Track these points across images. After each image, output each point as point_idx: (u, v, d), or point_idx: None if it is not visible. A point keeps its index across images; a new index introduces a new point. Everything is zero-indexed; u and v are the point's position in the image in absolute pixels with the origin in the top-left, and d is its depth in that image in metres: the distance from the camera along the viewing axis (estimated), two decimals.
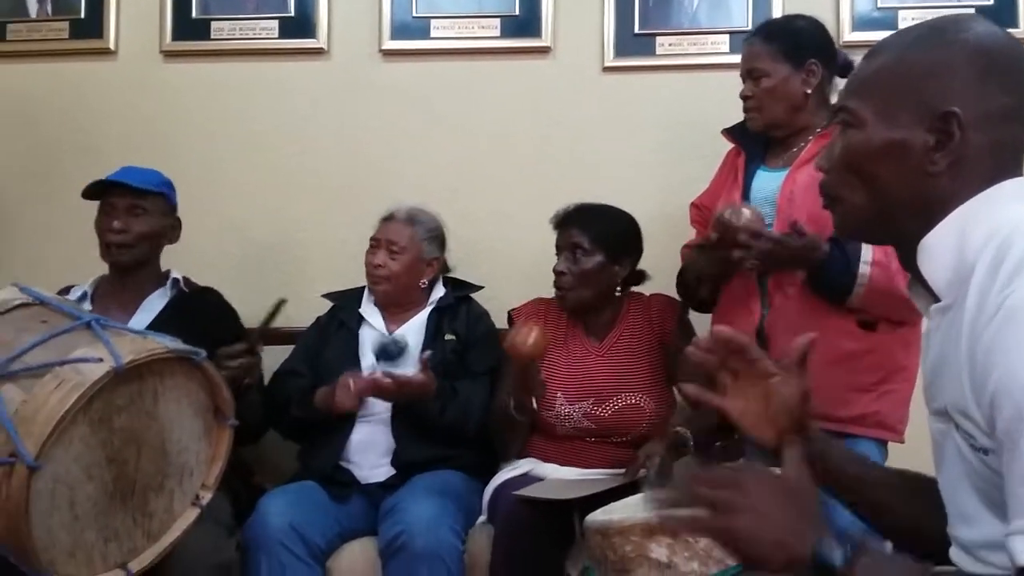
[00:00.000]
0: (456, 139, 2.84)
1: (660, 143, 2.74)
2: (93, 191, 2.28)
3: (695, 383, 1.21)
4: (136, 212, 2.26)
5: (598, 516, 1.21)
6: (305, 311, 2.61)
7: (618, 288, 2.29)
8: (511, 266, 2.66)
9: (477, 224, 2.67)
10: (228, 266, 2.74)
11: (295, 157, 2.88)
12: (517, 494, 1.97)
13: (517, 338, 2.04)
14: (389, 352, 2.21)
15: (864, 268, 1.90)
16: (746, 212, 1.93)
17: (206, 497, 1.84)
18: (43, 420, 1.53)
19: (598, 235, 2.21)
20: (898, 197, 1.08)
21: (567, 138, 2.80)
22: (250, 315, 2.45)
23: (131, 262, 2.29)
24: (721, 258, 1.96)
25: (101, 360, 1.60)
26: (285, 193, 2.87)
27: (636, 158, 2.76)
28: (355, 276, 2.52)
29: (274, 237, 2.87)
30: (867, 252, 1.90)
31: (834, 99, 2.10)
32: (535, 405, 2.08)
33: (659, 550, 1.11)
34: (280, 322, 2.70)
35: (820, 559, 0.95)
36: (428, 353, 2.20)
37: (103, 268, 2.37)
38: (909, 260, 1.10)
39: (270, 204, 2.87)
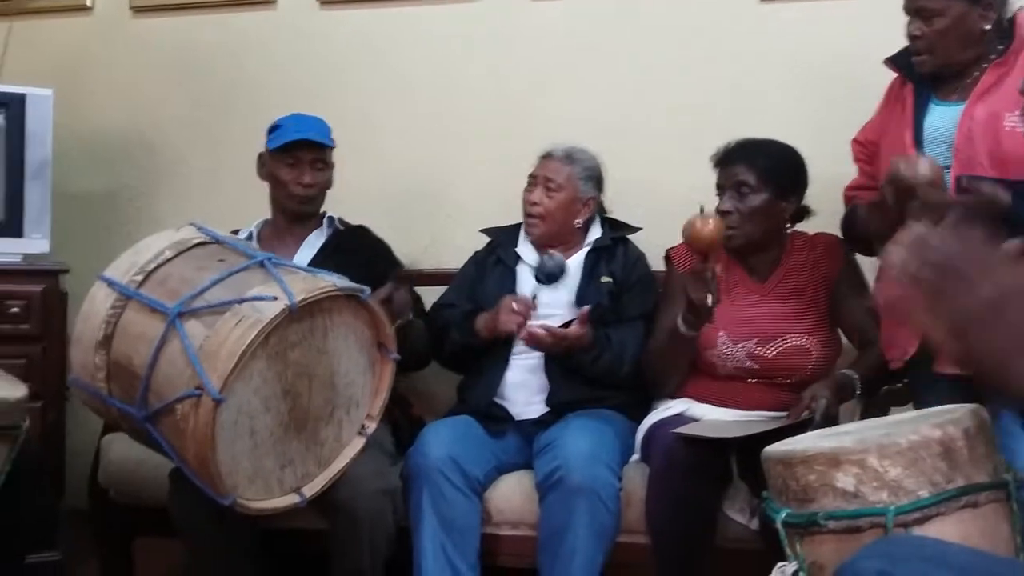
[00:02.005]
0: (608, 76, 2.79)
1: (820, 74, 2.61)
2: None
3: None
4: (318, 166, 2.38)
5: (779, 446, 1.19)
6: (454, 253, 2.66)
7: (787, 226, 2.21)
8: (667, 206, 2.55)
9: (632, 164, 2.59)
10: (382, 206, 2.80)
11: (446, 99, 2.91)
12: (676, 432, 1.95)
13: (696, 224, 1.95)
14: (547, 270, 2.21)
15: None
16: (923, 163, 1.76)
17: (371, 427, 1.93)
18: (226, 355, 1.62)
19: (764, 171, 2.12)
20: None
21: (723, 72, 2.71)
22: (401, 253, 2.53)
23: (313, 212, 2.42)
24: (897, 217, 1.78)
25: (276, 299, 1.68)
26: (436, 135, 2.91)
27: (795, 91, 2.64)
28: (504, 217, 2.53)
29: (426, 178, 2.92)
30: None
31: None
32: (711, 305, 1.98)
33: (845, 479, 1.08)
34: (430, 264, 2.80)
35: None
36: (587, 308, 2.18)
37: (266, 212, 2.47)
38: None
39: (422, 146, 2.91)
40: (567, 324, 2.20)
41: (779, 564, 1.16)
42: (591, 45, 2.80)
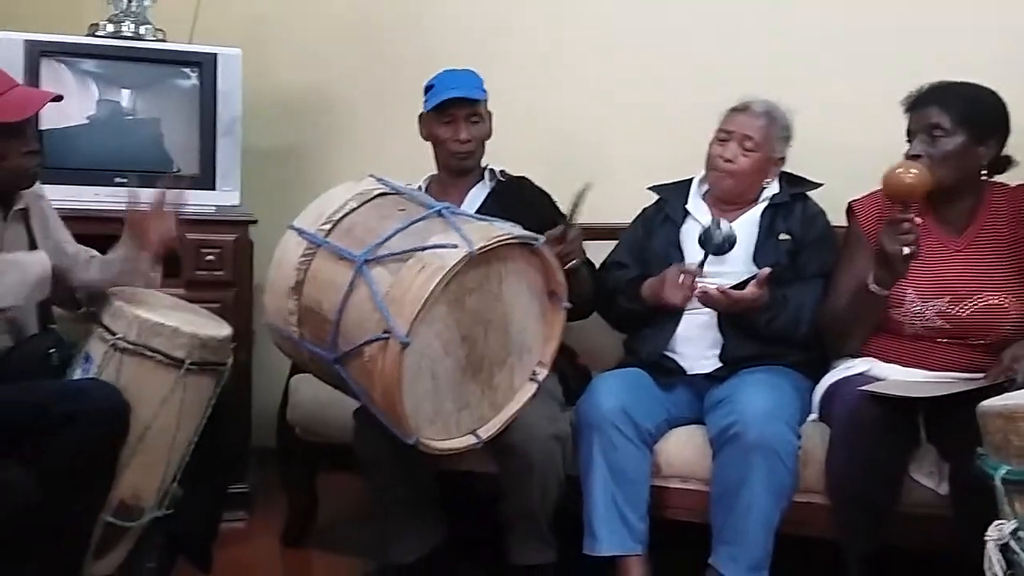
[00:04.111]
0: (779, 29, 2.70)
1: None
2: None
3: None
4: (473, 120, 2.40)
5: (999, 400, 1.13)
6: (613, 205, 2.59)
7: (983, 173, 2.06)
8: (845, 161, 2.44)
9: (807, 117, 2.43)
10: (539, 160, 2.77)
11: (606, 54, 2.91)
12: (863, 389, 1.87)
13: (899, 170, 1.85)
14: (715, 242, 2.14)
15: None
16: None
17: (542, 373, 1.97)
18: (411, 301, 1.68)
19: (960, 113, 1.98)
20: None
21: (908, 21, 2.55)
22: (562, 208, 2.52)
23: (473, 166, 2.47)
24: None
25: (456, 246, 1.72)
26: (596, 90, 2.92)
27: (1000, 32, 2.47)
28: (664, 171, 2.48)
29: (585, 133, 2.93)
30: None
31: None
32: (907, 257, 1.87)
33: None
34: (593, 218, 2.77)
35: None
36: (767, 271, 2.10)
37: (434, 168, 2.52)
38: None
39: (579, 101, 2.94)
40: (744, 283, 2.13)
41: (996, 522, 1.10)
42: None
